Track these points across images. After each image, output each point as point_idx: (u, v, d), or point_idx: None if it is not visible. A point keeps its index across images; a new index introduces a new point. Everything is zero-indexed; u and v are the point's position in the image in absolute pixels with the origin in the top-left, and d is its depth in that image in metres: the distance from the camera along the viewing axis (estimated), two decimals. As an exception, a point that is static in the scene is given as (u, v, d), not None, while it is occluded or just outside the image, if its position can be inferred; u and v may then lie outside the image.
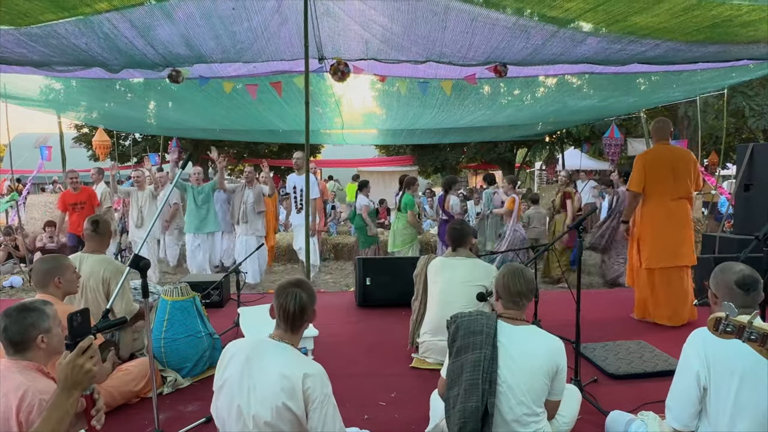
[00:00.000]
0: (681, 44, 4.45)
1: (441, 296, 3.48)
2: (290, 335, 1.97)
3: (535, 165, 24.76)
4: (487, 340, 2.11)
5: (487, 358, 2.08)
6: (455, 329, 2.23)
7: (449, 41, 4.77)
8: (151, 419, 2.47)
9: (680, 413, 2.06)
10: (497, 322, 2.18)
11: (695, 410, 2.03)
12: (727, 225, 8.21)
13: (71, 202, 7.23)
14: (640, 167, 4.45)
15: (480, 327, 2.16)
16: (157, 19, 4.30)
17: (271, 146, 18.80)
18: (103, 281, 3.29)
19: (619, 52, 4.75)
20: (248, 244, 6.77)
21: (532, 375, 2.09)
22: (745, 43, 4.42)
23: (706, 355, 1.98)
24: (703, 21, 3.90)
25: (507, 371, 2.08)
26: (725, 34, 4.18)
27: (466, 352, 2.14)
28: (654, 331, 4.31)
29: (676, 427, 2.08)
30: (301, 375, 1.83)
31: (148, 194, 7.36)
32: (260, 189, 7.14)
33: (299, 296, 1.94)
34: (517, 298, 2.22)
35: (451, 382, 2.17)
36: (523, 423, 2.08)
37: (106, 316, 2.37)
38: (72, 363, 1.53)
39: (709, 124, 14.12)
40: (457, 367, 2.15)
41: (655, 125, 4.62)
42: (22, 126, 67.58)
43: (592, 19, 4.11)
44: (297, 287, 1.96)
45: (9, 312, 1.97)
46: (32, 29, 4.19)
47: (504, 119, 9.38)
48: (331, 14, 4.58)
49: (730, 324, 1.45)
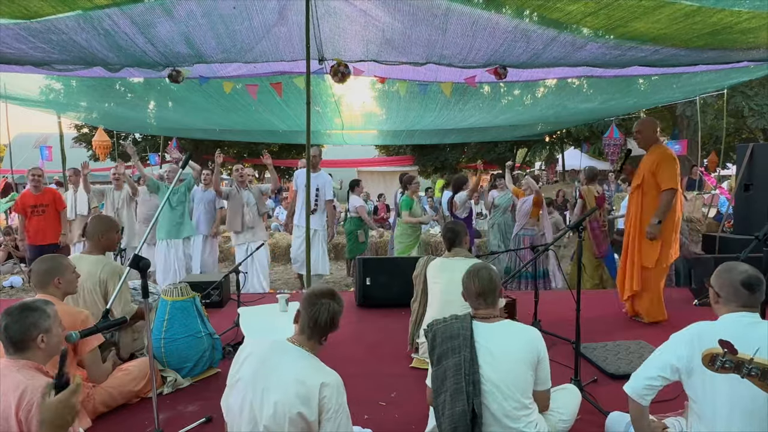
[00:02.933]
0: (681, 50, 4.45)
1: (442, 296, 3.47)
2: (312, 343, 1.96)
3: (535, 165, 24.77)
4: (464, 342, 2.13)
5: (467, 360, 2.09)
6: (432, 337, 2.24)
7: (450, 43, 4.78)
8: (151, 419, 2.46)
9: (638, 380, 2.08)
10: (472, 323, 2.20)
11: (652, 384, 2.04)
12: (727, 225, 8.21)
13: (31, 204, 6.31)
14: (674, 163, 4.28)
15: (456, 331, 2.18)
16: (157, 16, 4.29)
17: (272, 146, 18.83)
18: (100, 282, 3.28)
19: (619, 58, 4.76)
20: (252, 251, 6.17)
21: (514, 369, 2.11)
22: (745, 49, 4.42)
23: (701, 347, 1.96)
24: (703, 27, 3.90)
25: (489, 369, 2.10)
26: (725, 41, 4.18)
27: (447, 358, 2.15)
28: (654, 331, 4.30)
29: (628, 391, 2.10)
30: (318, 384, 1.83)
31: (126, 195, 6.69)
32: (258, 188, 6.62)
33: (333, 308, 1.94)
34: (480, 298, 2.24)
35: (437, 389, 2.18)
36: (513, 417, 2.10)
37: (106, 316, 2.37)
38: (65, 403, 1.47)
39: (709, 124, 14.12)
40: (440, 373, 2.17)
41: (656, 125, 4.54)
42: (22, 126, 67.58)
43: (593, 24, 4.10)
44: (331, 298, 1.96)
45: (10, 311, 1.97)
46: (32, 24, 4.16)
47: (504, 120, 9.39)
48: (332, 15, 4.58)
49: (729, 360, 1.42)
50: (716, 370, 1.46)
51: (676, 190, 4.26)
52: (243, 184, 6.40)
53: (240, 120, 9.23)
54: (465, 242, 3.65)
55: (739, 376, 1.65)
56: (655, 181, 4.30)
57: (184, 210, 6.26)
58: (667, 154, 4.34)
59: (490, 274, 2.28)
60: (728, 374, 1.89)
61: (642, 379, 2.07)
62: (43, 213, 6.32)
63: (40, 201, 6.35)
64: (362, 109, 9.22)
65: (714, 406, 1.96)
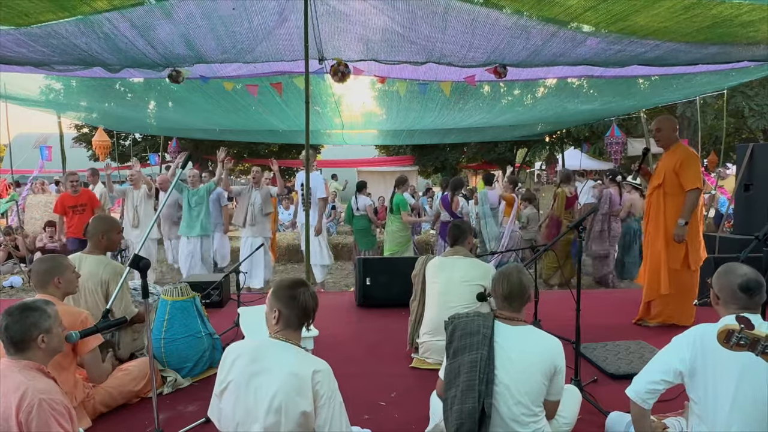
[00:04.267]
0: (681, 45, 4.42)
1: (440, 296, 3.48)
2: (295, 334, 1.98)
3: (535, 165, 24.76)
4: (483, 340, 2.12)
5: (484, 359, 2.08)
6: (452, 330, 2.24)
7: (449, 41, 4.76)
8: (151, 419, 2.47)
9: (640, 384, 2.08)
10: (494, 323, 2.18)
11: (655, 388, 2.04)
12: (727, 225, 8.21)
13: (70, 205, 6.96)
14: (697, 162, 4.22)
15: (477, 328, 2.17)
16: (157, 18, 4.30)
17: (272, 146, 18.81)
18: (102, 283, 3.28)
19: (619, 53, 4.72)
20: (254, 247, 6.42)
21: (529, 375, 2.09)
22: (746, 44, 4.41)
23: (703, 350, 1.98)
24: (703, 21, 3.89)
25: (504, 372, 2.08)
26: (725, 34, 4.17)
27: (463, 353, 2.14)
28: (654, 331, 4.31)
29: (630, 395, 2.10)
30: (310, 371, 1.84)
31: (143, 194, 7.07)
32: (267, 190, 6.91)
33: (312, 292, 1.99)
34: (508, 301, 2.22)
35: (449, 383, 2.17)
36: (521, 423, 2.08)
37: (106, 316, 2.37)
38: None
39: (709, 124, 14.11)
40: (455, 368, 2.16)
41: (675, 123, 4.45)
42: (22, 126, 67.58)
43: (593, 18, 4.09)
44: (304, 286, 2.00)
45: (11, 311, 1.97)
46: (32, 29, 4.18)
47: (504, 120, 9.39)
48: (332, 15, 4.58)
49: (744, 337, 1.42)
50: (731, 347, 1.45)
51: (701, 190, 4.18)
52: (257, 185, 6.80)
53: (240, 120, 9.23)
54: (469, 242, 3.65)
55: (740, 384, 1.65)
56: (678, 181, 4.20)
57: (201, 210, 6.60)
58: (690, 153, 4.25)
59: (520, 278, 2.22)
60: (731, 376, 1.90)
61: (644, 383, 2.06)
62: (83, 212, 6.90)
63: (78, 201, 6.93)
64: (362, 109, 9.22)
65: (715, 407, 1.96)
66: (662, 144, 4.40)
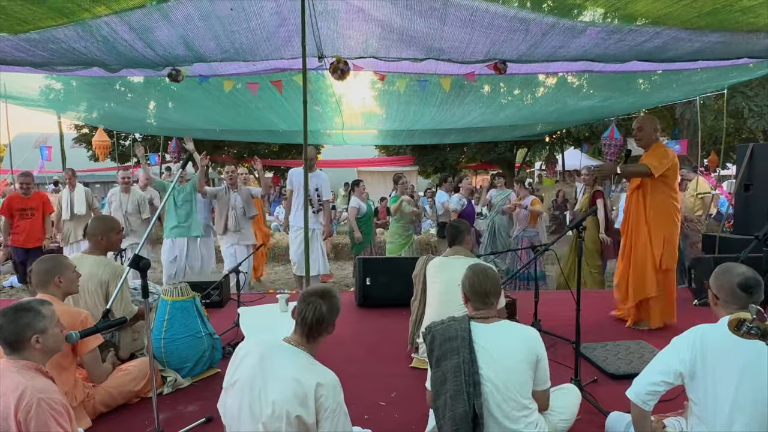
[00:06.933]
0: (681, 32, 4.34)
1: (441, 296, 3.47)
2: (306, 343, 1.96)
3: (535, 165, 24.78)
4: (463, 343, 2.13)
5: (467, 362, 2.09)
6: (431, 339, 2.24)
7: (449, 36, 4.72)
8: (151, 419, 2.47)
9: (640, 386, 2.08)
10: (470, 324, 2.20)
11: (655, 390, 2.04)
12: (727, 225, 8.21)
13: (18, 208, 6.23)
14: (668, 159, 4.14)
15: (454, 332, 2.17)
16: (155, 21, 4.29)
17: (272, 146, 18.81)
18: (102, 283, 3.27)
19: (619, 43, 4.62)
20: (238, 254, 6.10)
21: (514, 369, 2.11)
22: (746, 32, 4.35)
23: (703, 351, 1.97)
24: (703, 6, 3.85)
25: (489, 370, 2.10)
26: (725, 21, 4.12)
27: (446, 360, 2.15)
28: (654, 331, 4.30)
29: (631, 397, 2.10)
30: (314, 384, 1.83)
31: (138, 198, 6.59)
32: (248, 191, 6.43)
33: (319, 308, 1.93)
34: (485, 298, 2.24)
35: (437, 392, 2.18)
36: (513, 418, 2.10)
37: (106, 316, 2.37)
38: None
39: (709, 124, 14.12)
40: (440, 376, 2.17)
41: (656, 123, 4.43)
42: (22, 126, 67.55)
43: (593, 5, 4.09)
44: (320, 298, 1.95)
45: (5, 311, 1.97)
46: (31, 35, 4.16)
47: (504, 119, 9.37)
48: (330, 12, 4.58)
49: (756, 327, 1.43)
50: (741, 335, 1.46)
51: (651, 174, 4.09)
52: (233, 186, 6.27)
53: (240, 119, 9.22)
54: (467, 242, 3.63)
55: (739, 380, 1.65)
56: (658, 181, 4.16)
57: (191, 208, 6.08)
58: (664, 149, 4.23)
59: (495, 275, 2.29)
60: (732, 376, 1.90)
61: (645, 384, 2.06)
62: (32, 216, 6.28)
63: (28, 204, 6.30)
64: (362, 109, 9.22)
65: (715, 408, 1.96)
66: (642, 144, 4.34)
